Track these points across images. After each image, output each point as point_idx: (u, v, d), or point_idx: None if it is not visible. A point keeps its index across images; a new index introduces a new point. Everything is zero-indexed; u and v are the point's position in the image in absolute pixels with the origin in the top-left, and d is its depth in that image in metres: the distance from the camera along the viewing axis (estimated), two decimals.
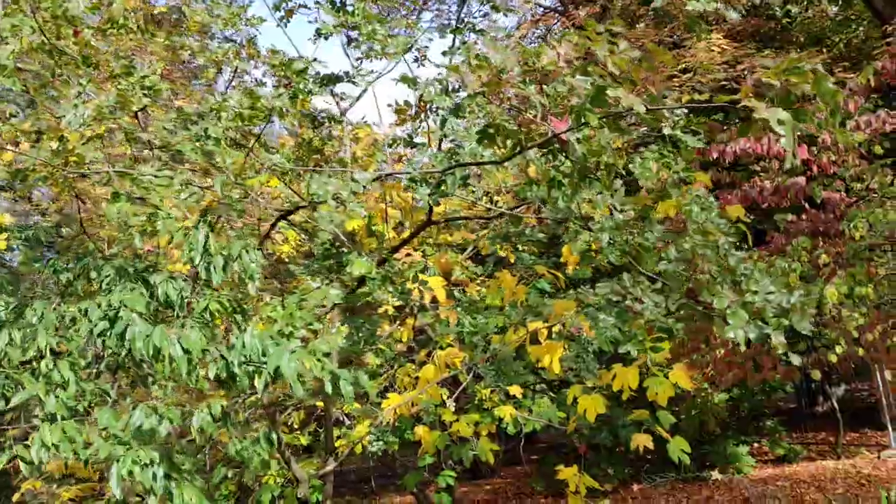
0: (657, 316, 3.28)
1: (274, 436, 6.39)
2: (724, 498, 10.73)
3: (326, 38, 4.97)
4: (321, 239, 4.90)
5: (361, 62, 5.80)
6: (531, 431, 8.96)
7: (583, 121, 2.73)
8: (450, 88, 4.01)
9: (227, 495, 9.70)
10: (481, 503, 13.90)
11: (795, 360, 3.05)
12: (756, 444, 13.48)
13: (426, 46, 5.23)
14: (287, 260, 7.65)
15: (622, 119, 3.36)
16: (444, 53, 4.52)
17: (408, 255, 7.44)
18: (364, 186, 3.55)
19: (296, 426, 8.27)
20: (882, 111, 10.73)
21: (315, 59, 4.75)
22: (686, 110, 4.04)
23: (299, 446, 8.79)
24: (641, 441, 7.52)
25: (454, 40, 4.93)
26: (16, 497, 7.37)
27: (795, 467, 12.06)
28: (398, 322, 7.83)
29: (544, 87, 3.07)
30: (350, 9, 4.55)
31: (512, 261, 8.12)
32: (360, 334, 5.94)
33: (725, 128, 12.35)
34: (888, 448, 11.98)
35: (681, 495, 11.38)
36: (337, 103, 7.03)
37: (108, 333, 3.10)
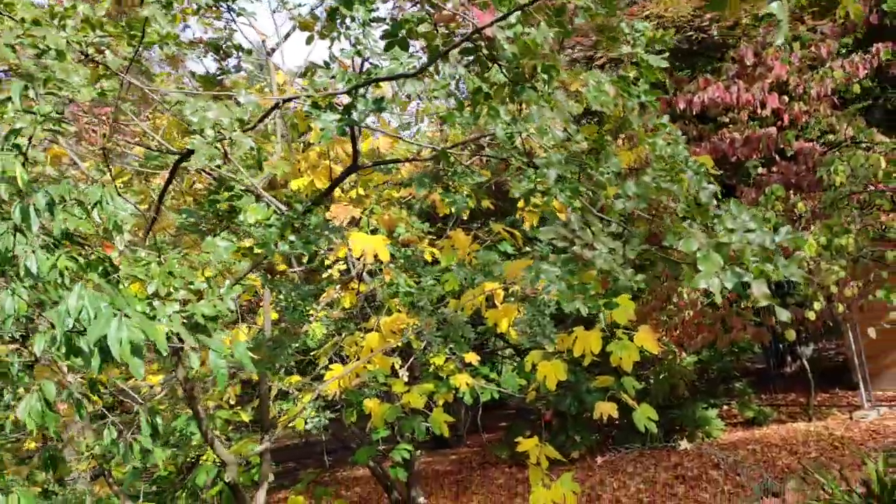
0: (612, 265, 2.65)
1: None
2: (693, 464, 10.29)
3: None
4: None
5: None
6: (496, 399, 8.43)
7: (510, 9, 2.07)
8: None
9: (168, 475, 9.06)
10: (443, 474, 13.39)
11: (783, 315, 2.45)
12: (725, 407, 13.09)
13: None
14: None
15: (562, 15, 2.70)
16: None
17: (350, 207, 6.76)
18: (251, 114, 2.87)
19: (231, 401, 7.61)
20: (855, 55, 10.22)
21: None
22: (647, 25, 3.38)
23: (239, 423, 8.13)
24: (605, 410, 6.98)
25: None
26: None
27: (766, 430, 11.66)
28: (341, 286, 7.18)
29: None
30: None
31: (465, 218, 7.48)
32: (288, 300, 5.27)
33: (693, 79, 11.76)
34: (860, 409, 11.61)
35: (649, 461, 10.94)
36: (263, 42, 6.29)
37: None
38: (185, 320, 2.75)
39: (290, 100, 3.12)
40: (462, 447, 16.59)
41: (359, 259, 6.18)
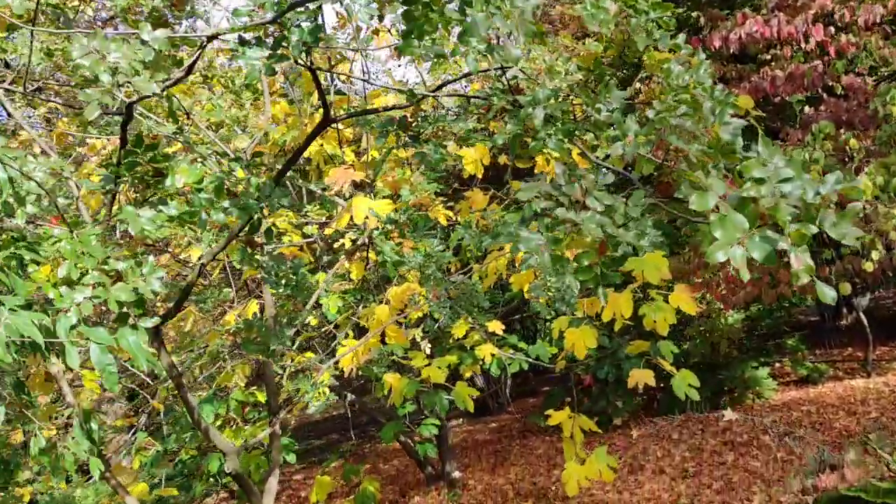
0: (610, 227, 2.07)
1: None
2: (743, 429, 9.64)
3: None
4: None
5: None
6: (529, 367, 7.91)
7: None
8: None
9: (187, 460, 8.77)
10: (482, 444, 12.96)
11: (828, 293, 1.83)
12: (777, 365, 12.36)
13: None
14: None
15: None
16: None
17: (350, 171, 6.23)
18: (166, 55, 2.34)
19: (241, 382, 7.21)
20: None
21: None
22: None
23: (253, 403, 7.75)
24: (641, 378, 6.39)
25: None
26: None
27: (821, 389, 10.94)
28: (347, 256, 6.68)
29: None
30: None
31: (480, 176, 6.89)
32: (275, 276, 4.76)
33: (728, 16, 10.86)
34: None
35: (695, 427, 10.32)
36: None
37: None
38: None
39: (214, 37, 2.58)
40: (504, 414, 16.15)
41: (362, 226, 5.65)
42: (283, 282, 4.90)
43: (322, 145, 7.88)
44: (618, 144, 2.18)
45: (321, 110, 8.16)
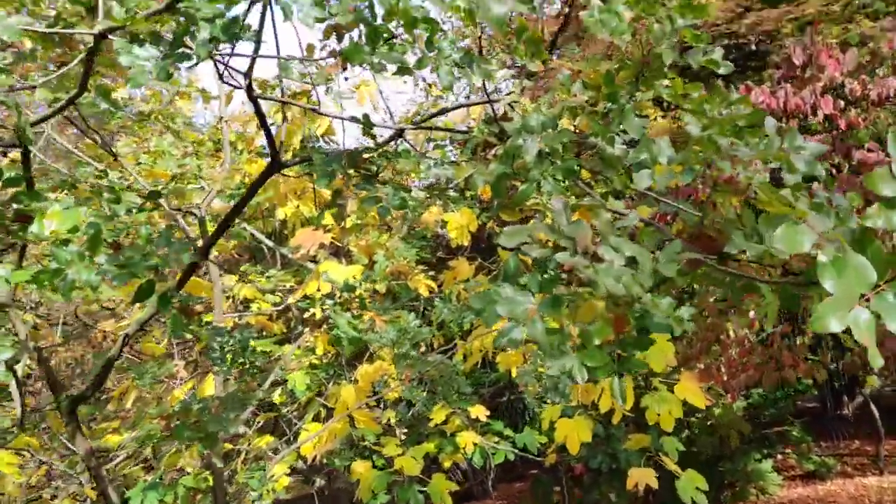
0: (636, 288, 1.40)
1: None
2: None
3: None
4: None
5: None
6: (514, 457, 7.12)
7: None
8: None
9: None
10: None
11: (878, 360, 1.13)
12: (780, 457, 11.53)
13: None
14: None
15: None
16: None
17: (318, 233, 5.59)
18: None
19: (188, 468, 6.38)
20: None
21: None
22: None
23: (207, 489, 6.89)
24: (642, 478, 5.69)
25: None
26: None
27: (830, 486, 10.10)
28: (311, 329, 5.97)
29: None
30: None
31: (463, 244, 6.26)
32: (220, 350, 4.05)
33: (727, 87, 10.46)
34: None
35: None
36: None
37: None
38: None
39: (104, 36, 1.94)
40: (488, 500, 15.20)
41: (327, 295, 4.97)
42: (230, 357, 4.18)
43: (298, 206, 7.28)
44: (644, 173, 1.53)
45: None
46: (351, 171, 2.30)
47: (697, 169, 1.53)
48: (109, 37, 1.89)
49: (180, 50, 1.74)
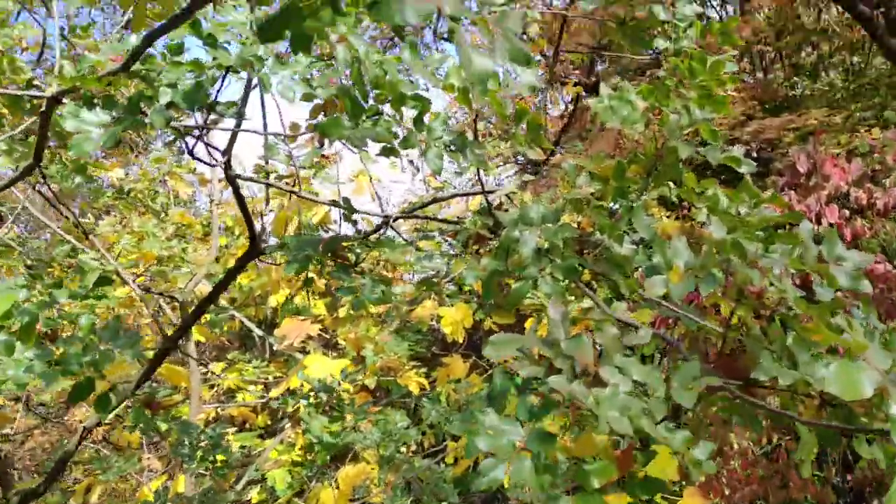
0: (645, 422, 1.14)
1: None
2: None
3: None
4: None
5: None
6: None
7: None
8: None
9: None
10: None
11: None
12: None
13: None
14: None
15: None
16: None
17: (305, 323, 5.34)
18: None
19: None
20: None
21: None
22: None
23: None
24: None
25: None
26: None
27: None
28: (292, 424, 5.63)
29: None
30: None
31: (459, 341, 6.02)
32: (189, 447, 3.74)
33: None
34: None
35: None
36: None
37: None
38: None
39: (58, 100, 1.76)
40: None
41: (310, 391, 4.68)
42: (199, 455, 3.86)
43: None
44: (658, 279, 1.30)
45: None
46: (328, 260, 2.08)
47: (719, 277, 1.31)
48: (65, 101, 1.70)
49: (135, 117, 1.54)
